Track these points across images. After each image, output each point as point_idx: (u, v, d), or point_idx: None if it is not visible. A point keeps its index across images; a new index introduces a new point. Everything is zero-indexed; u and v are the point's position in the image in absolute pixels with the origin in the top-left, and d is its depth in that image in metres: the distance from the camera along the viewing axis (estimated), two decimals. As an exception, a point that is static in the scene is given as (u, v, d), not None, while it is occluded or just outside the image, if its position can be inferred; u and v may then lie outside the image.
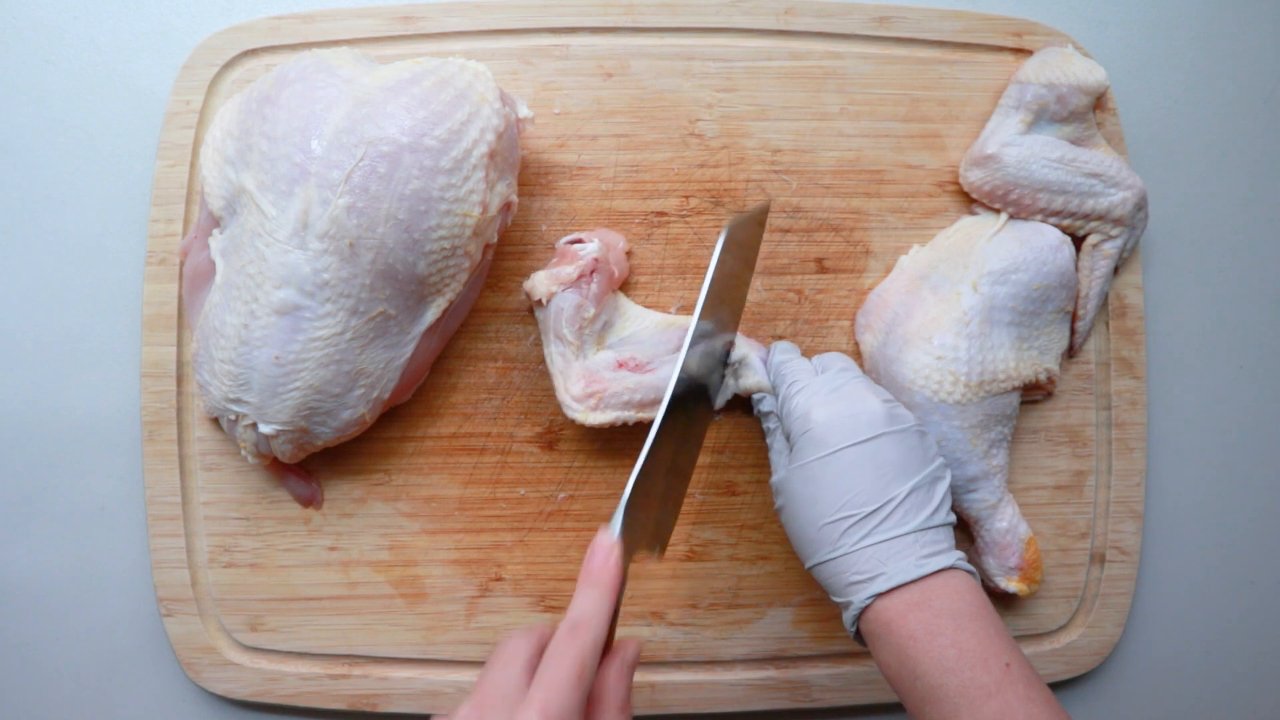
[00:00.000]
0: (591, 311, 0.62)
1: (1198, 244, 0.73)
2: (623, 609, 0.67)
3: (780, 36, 0.68)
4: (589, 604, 0.48)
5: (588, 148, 0.67)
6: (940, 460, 0.55)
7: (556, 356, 0.63)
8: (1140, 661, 0.72)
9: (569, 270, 0.62)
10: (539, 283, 0.63)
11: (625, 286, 0.67)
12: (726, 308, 0.63)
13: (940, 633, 0.48)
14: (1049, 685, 0.69)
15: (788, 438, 0.58)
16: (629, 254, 0.67)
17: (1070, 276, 0.65)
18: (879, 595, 0.50)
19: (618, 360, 0.63)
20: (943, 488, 0.54)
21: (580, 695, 0.44)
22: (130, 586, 0.68)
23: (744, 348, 0.65)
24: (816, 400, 0.56)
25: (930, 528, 0.52)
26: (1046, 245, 0.64)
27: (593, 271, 0.62)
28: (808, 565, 0.54)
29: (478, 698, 0.45)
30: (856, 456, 0.53)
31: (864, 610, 0.51)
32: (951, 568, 0.51)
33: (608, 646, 0.47)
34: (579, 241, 0.64)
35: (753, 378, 0.64)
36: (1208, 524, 0.73)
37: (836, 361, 0.61)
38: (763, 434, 0.66)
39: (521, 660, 0.47)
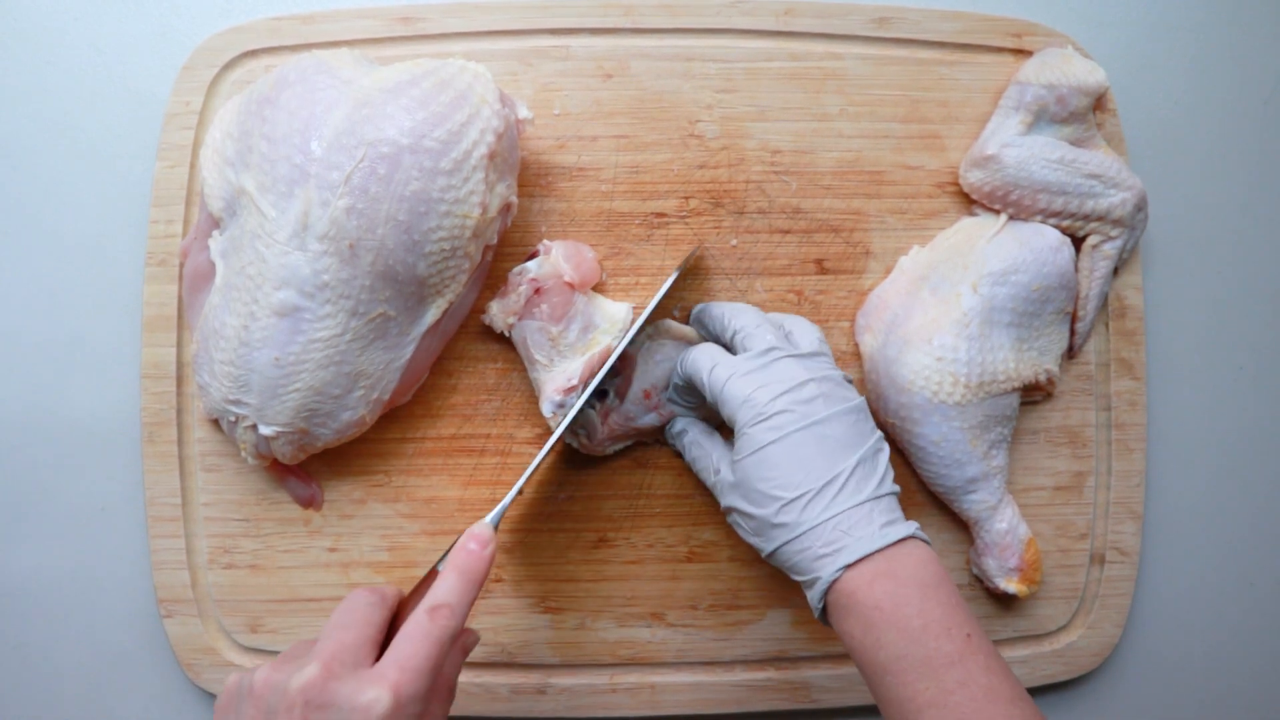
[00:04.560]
0: (555, 330, 0.62)
1: (1198, 244, 0.73)
2: (621, 611, 0.67)
3: (780, 37, 0.68)
4: (455, 590, 0.48)
5: (587, 149, 0.67)
6: (879, 434, 0.55)
7: (534, 379, 0.64)
8: (1140, 662, 0.72)
9: (513, 301, 0.62)
10: (495, 317, 0.63)
11: (625, 289, 0.67)
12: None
13: (906, 602, 0.49)
14: (1048, 686, 0.70)
15: (729, 424, 0.56)
16: (600, 259, 0.66)
17: (1070, 277, 0.65)
18: (847, 567, 0.50)
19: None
20: (884, 458, 0.54)
21: (431, 680, 0.45)
22: (130, 587, 0.68)
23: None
24: (753, 383, 0.55)
25: (881, 496, 0.52)
26: (1046, 246, 0.64)
27: (537, 292, 0.62)
28: (770, 550, 0.54)
29: (324, 657, 0.45)
30: (805, 437, 0.53)
31: (831, 584, 0.51)
32: (911, 537, 0.51)
33: None
34: (534, 256, 0.64)
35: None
36: (1207, 525, 0.73)
37: (757, 333, 0.58)
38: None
39: (373, 627, 0.47)
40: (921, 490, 0.68)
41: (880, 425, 0.67)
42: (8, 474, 0.68)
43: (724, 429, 0.64)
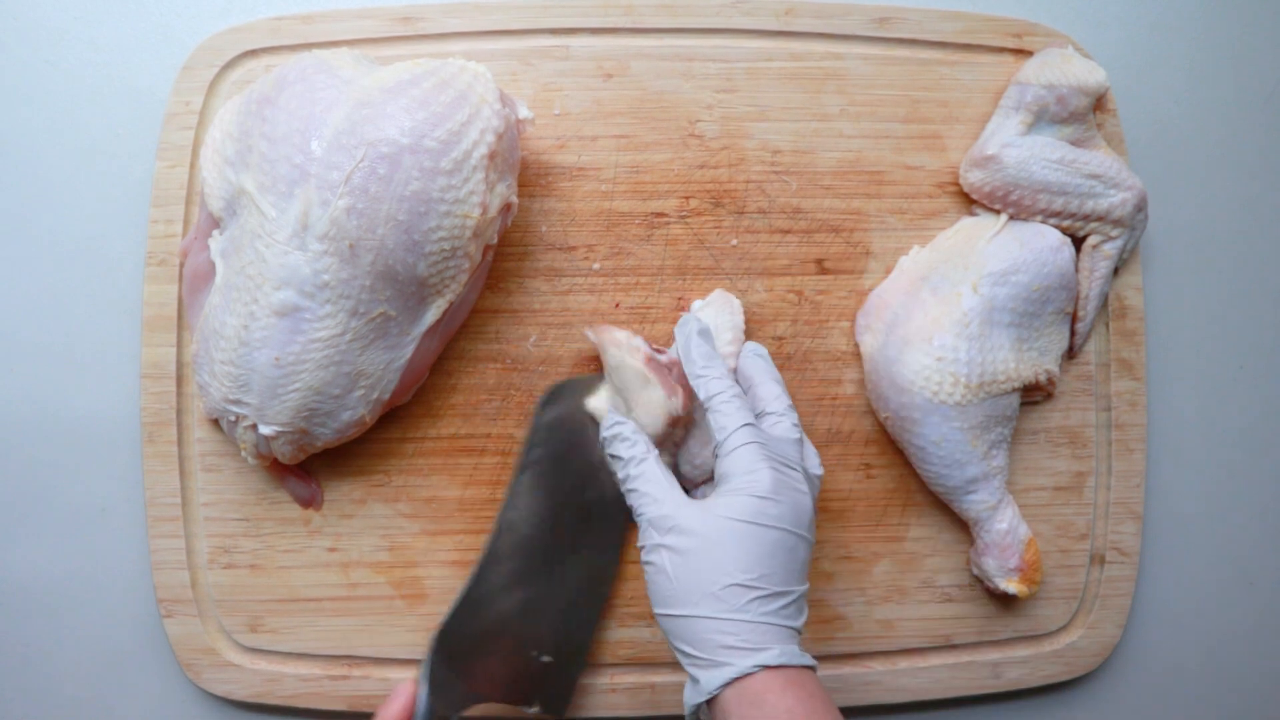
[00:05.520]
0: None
1: (1198, 244, 0.73)
2: (621, 611, 0.67)
3: (780, 37, 0.68)
4: None
5: (587, 149, 0.67)
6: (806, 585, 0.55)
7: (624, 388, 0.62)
8: (1140, 662, 0.72)
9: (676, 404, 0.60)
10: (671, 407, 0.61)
11: (625, 289, 0.67)
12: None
13: (815, 713, 0.49)
14: (1048, 686, 0.70)
15: (716, 459, 0.56)
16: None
17: (1070, 277, 0.65)
18: (765, 667, 0.50)
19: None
20: (805, 608, 0.55)
21: None
22: (130, 587, 0.68)
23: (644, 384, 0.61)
24: (769, 465, 0.54)
25: (800, 631, 0.54)
26: (1046, 246, 0.64)
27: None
28: (679, 613, 0.52)
29: None
30: (788, 541, 0.53)
31: (735, 679, 0.50)
32: (813, 668, 0.52)
33: None
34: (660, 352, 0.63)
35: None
36: (1207, 525, 0.73)
37: (780, 420, 0.58)
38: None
39: None
40: (921, 490, 0.68)
41: (880, 424, 0.68)
42: (8, 474, 0.67)
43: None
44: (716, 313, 0.65)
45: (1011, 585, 0.65)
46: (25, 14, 0.69)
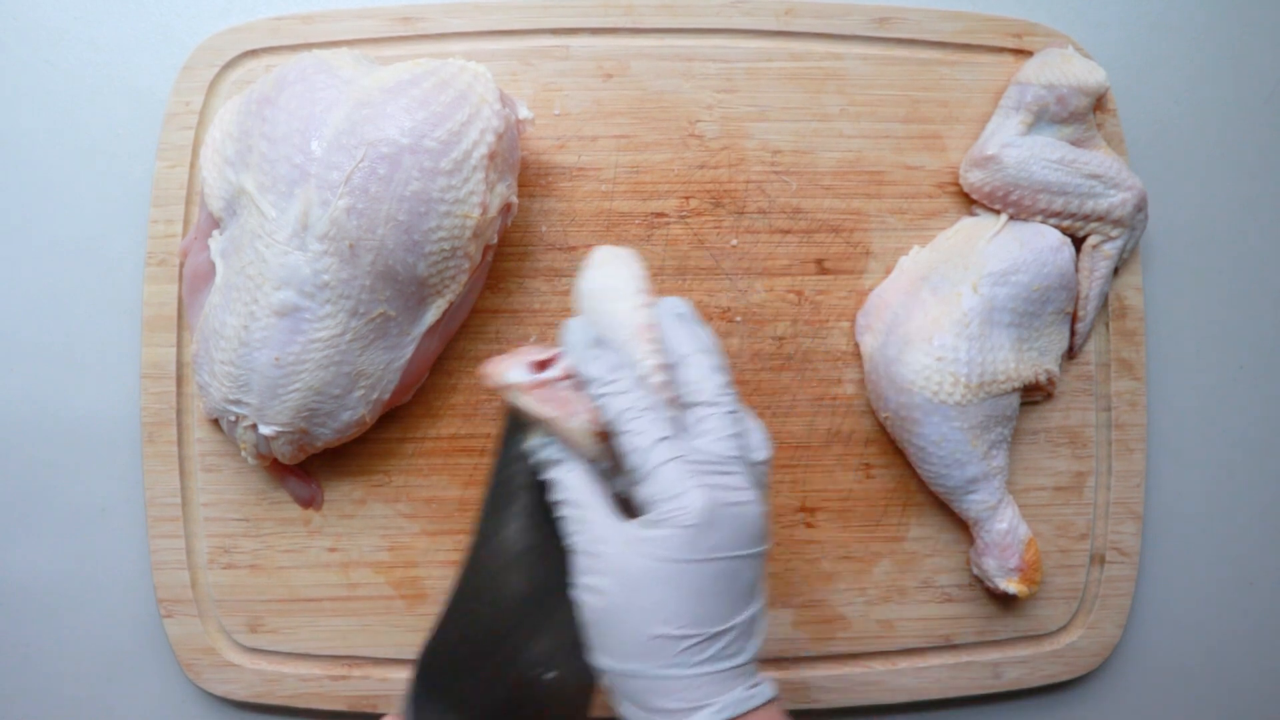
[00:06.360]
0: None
1: (1198, 244, 0.73)
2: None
3: (780, 37, 0.68)
4: None
5: (587, 149, 0.67)
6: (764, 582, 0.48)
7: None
8: (1140, 662, 0.72)
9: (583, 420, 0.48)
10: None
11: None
12: None
13: None
14: (1048, 687, 0.70)
15: (626, 497, 0.47)
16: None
17: (1070, 277, 0.65)
18: None
19: None
20: (764, 616, 0.47)
21: None
22: (130, 587, 0.68)
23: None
24: (698, 484, 0.44)
25: (752, 661, 0.46)
26: (1046, 246, 0.64)
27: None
28: (614, 666, 0.45)
29: None
30: (728, 569, 0.44)
31: None
32: (770, 700, 0.45)
33: None
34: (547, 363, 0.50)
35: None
36: (1208, 525, 0.73)
37: (712, 420, 0.47)
38: None
39: None
40: (921, 490, 0.68)
41: (880, 424, 0.68)
42: (8, 474, 0.67)
43: None
44: (609, 273, 0.52)
45: (1011, 585, 0.65)
46: (25, 14, 0.69)
